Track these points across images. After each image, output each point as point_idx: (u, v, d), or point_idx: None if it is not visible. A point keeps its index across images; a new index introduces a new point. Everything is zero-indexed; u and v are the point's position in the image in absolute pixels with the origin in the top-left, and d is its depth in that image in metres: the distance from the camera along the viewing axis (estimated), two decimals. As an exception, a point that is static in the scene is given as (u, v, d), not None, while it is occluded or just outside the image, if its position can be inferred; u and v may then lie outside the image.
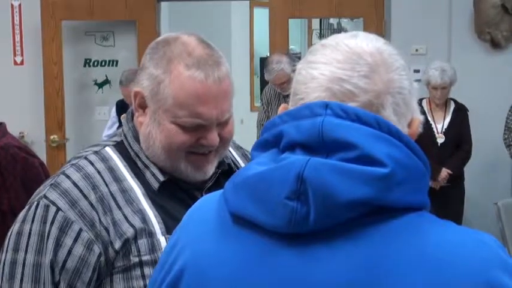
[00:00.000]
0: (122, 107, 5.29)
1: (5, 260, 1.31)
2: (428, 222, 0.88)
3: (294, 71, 4.40)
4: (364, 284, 0.83)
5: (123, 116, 5.62)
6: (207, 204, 1.02)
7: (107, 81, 5.86)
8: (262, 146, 0.94)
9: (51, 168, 5.23)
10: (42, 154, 5.36)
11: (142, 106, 1.38)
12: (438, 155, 4.56)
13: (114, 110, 5.39)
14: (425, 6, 5.31)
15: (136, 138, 1.41)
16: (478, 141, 4.76)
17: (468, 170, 4.81)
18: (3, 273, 1.31)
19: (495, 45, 5.27)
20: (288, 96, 4.91)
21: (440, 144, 4.72)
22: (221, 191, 0.98)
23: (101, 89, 5.87)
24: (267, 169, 0.88)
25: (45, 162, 5.22)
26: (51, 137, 5.56)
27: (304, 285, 0.85)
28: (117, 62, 5.83)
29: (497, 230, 3.88)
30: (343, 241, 0.85)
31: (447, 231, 0.88)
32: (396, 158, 0.85)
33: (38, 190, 1.37)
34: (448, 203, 4.56)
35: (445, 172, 4.66)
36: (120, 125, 5.79)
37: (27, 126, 5.62)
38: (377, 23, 5.44)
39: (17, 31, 5.65)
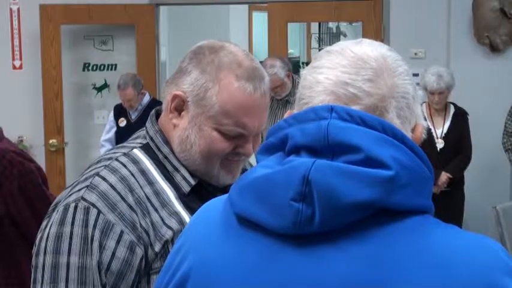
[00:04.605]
0: (119, 111, 5.29)
1: (44, 262, 1.29)
2: (433, 225, 0.89)
3: (287, 75, 4.44)
4: (369, 284, 0.83)
5: (121, 120, 5.59)
6: (213, 207, 1.03)
7: (105, 85, 5.86)
8: (267, 149, 0.95)
9: (50, 173, 5.23)
10: (41, 158, 5.36)
11: (179, 109, 1.40)
12: (437, 160, 4.55)
13: (111, 114, 5.36)
14: (424, 10, 5.33)
15: (165, 141, 1.42)
16: (476, 145, 4.76)
17: (467, 173, 4.81)
18: (43, 276, 1.28)
19: (494, 49, 5.29)
20: (282, 99, 4.88)
21: (440, 149, 4.71)
22: (227, 195, 0.99)
23: (99, 93, 5.88)
24: (272, 171, 0.89)
25: (44, 166, 5.22)
26: (50, 141, 5.56)
27: (309, 286, 0.86)
28: (116, 66, 5.84)
29: (497, 233, 3.87)
30: (348, 242, 0.86)
31: (451, 234, 0.88)
32: (400, 160, 0.86)
33: (68, 190, 1.35)
34: (449, 207, 4.55)
35: (445, 176, 4.64)
36: (117, 129, 5.72)
37: (26, 130, 5.62)
38: (376, 27, 5.45)
39: (16, 35, 5.65)
